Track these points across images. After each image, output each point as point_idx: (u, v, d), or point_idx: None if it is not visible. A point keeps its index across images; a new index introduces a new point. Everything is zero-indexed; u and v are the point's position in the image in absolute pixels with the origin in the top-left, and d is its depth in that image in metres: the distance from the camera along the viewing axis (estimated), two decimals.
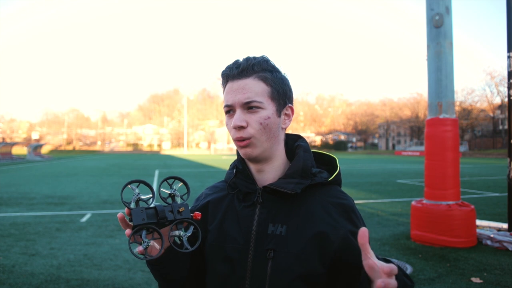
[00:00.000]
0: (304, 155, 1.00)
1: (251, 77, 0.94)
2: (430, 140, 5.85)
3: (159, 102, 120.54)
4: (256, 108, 0.94)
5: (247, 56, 0.98)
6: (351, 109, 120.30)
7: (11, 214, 8.17)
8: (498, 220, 6.74)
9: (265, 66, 0.96)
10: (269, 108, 0.95)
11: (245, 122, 0.93)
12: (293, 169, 0.98)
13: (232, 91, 0.95)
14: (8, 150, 41.76)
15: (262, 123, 0.94)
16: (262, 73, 0.95)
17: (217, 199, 1.07)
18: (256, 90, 0.94)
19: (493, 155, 50.28)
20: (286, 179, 0.97)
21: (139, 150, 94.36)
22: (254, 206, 0.99)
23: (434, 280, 4.15)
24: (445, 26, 5.73)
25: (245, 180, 1.01)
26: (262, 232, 0.96)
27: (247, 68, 0.94)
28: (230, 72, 0.95)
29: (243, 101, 0.93)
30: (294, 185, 0.95)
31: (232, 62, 0.98)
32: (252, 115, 0.94)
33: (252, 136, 0.94)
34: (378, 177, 17.71)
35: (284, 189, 0.94)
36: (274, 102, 0.96)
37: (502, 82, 63.58)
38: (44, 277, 4.22)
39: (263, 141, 0.95)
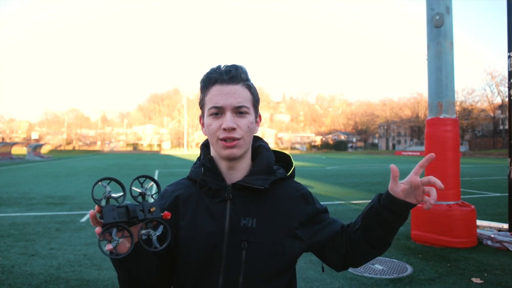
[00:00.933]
0: (267, 154, 1.12)
1: (239, 84, 1.03)
2: (430, 140, 5.84)
3: (159, 102, 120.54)
4: (244, 113, 1.03)
5: (231, 64, 1.06)
6: (351, 109, 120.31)
7: (11, 214, 8.16)
8: (498, 220, 6.73)
9: (247, 76, 1.07)
10: (252, 114, 1.06)
11: (235, 125, 1.01)
12: (258, 166, 1.08)
13: (222, 94, 1.01)
14: (8, 150, 41.74)
15: (249, 127, 1.04)
16: (247, 82, 1.06)
17: (185, 195, 1.11)
18: (245, 97, 1.04)
19: (494, 155, 50.27)
20: (253, 176, 1.06)
21: (139, 150, 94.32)
22: (225, 202, 1.06)
23: (435, 280, 4.14)
24: (446, 26, 5.72)
25: (215, 178, 1.07)
26: (235, 225, 1.03)
27: (236, 75, 1.03)
28: (220, 77, 1.02)
29: (236, 105, 1.01)
30: (262, 181, 1.05)
31: (216, 67, 1.05)
32: (241, 119, 1.03)
33: (241, 138, 1.03)
34: (378, 177, 17.70)
35: (254, 185, 1.04)
36: (254, 109, 1.08)
37: (502, 82, 63.57)
38: (44, 277, 4.22)
39: (247, 142, 1.06)
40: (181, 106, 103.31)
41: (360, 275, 4.30)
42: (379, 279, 4.19)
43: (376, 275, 4.30)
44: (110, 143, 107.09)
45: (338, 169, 23.93)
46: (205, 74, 1.06)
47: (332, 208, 8.89)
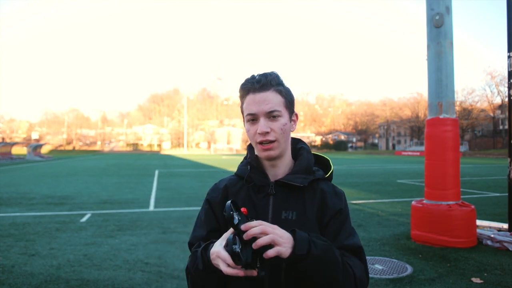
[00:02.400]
0: (308, 156, 1.24)
1: (270, 90, 1.14)
2: (430, 140, 5.84)
3: (159, 102, 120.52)
4: (277, 117, 1.14)
5: (263, 73, 1.17)
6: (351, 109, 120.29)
7: (11, 214, 8.16)
8: (498, 220, 6.73)
9: (278, 81, 1.17)
10: (285, 116, 1.17)
11: (269, 128, 1.13)
12: (299, 166, 1.21)
13: (255, 102, 1.14)
14: (8, 150, 41.74)
15: (282, 129, 1.15)
16: (278, 87, 1.16)
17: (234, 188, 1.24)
18: (276, 101, 1.14)
19: (494, 155, 50.27)
20: (294, 175, 1.18)
21: (139, 150, 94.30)
22: (268, 196, 1.19)
23: (434, 280, 4.14)
24: (445, 26, 5.72)
25: (260, 175, 1.21)
26: (277, 217, 1.16)
27: (266, 83, 1.14)
28: (252, 86, 1.14)
29: (267, 110, 1.13)
30: (302, 179, 1.17)
31: (250, 77, 1.16)
32: (274, 123, 1.14)
33: (275, 140, 1.14)
34: (378, 177, 17.71)
35: (294, 183, 1.16)
36: (287, 110, 1.18)
37: (502, 82, 63.56)
38: (44, 277, 4.22)
39: (282, 143, 1.17)
40: (181, 106, 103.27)
41: None
42: (379, 279, 4.19)
43: (376, 275, 4.31)
44: (110, 143, 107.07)
45: (338, 169, 23.92)
46: (241, 85, 1.18)
47: None
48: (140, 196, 11.05)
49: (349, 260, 1.10)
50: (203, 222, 1.25)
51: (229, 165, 29.22)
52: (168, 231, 6.53)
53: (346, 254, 1.11)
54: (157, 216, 7.98)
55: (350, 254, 1.13)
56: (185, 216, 7.94)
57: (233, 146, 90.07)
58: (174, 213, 8.36)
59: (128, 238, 6.01)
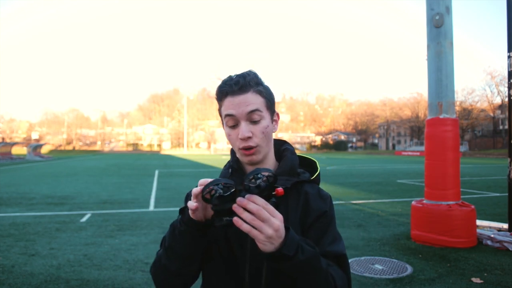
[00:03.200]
0: (291, 157, 1.18)
1: (249, 91, 1.08)
2: (430, 140, 5.85)
3: (159, 102, 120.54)
4: (258, 120, 1.08)
5: (240, 73, 1.10)
6: (351, 109, 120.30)
7: (11, 214, 8.16)
8: (498, 220, 6.73)
9: (257, 81, 1.10)
10: (267, 117, 1.11)
11: (250, 132, 1.08)
12: (282, 168, 1.15)
13: (234, 104, 1.07)
14: (8, 150, 41.73)
15: (264, 132, 1.09)
16: (257, 87, 1.09)
17: None
18: (256, 103, 1.08)
19: (494, 155, 50.26)
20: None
21: (139, 150, 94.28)
22: None
23: (434, 280, 4.14)
24: (445, 26, 5.73)
25: (241, 178, 1.12)
26: None
27: (245, 84, 1.07)
28: (230, 89, 1.07)
29: (247, 111, 1.07)
30: (284, 181, 1.11)
31: (228, 79, 1.10)
32: (255, 126, 1.08)
33: (257, 144, 1.09)
34: (378, 177, 17.70)
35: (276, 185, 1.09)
36: (269, 111, 1.13)
37: (502, 82, 63.58)
38: (44, 277, 4.22)
39: (264, 147, 1.11)
40: (181, 106, 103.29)
41: (360, 275, 4.31)
42: (379, 279, 4.19)
43: (376, 275, 4.31)
44: (110, 143, 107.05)
45: (338, 169, 23.93)
46: (217, 87, 1.12)
47: None
48: (140, 196, 11.05)
49: (332, 270, 1.02)
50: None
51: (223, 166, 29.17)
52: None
53: (329, 263, 1.03)
54: (157, 216, 7.98)
55: (332, 262, 1.06)
56: None
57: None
58: (174, 213, 8.35)
59: (128, 238, 6.01)
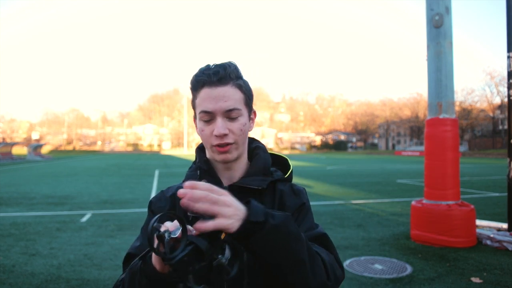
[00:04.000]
0: (264, 155, 1.10)
1: (229, 84, 0.98)
2: (430, 140, 5.86)
3: (159, 102, 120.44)
4: (236, 117, 0.99)
5: (220, 63, 1.00)
6: (351, 109, 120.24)
7: (11, 214, 8.17)
8: (498, 220, 6.74)
9: (237, 74, 1.01)
10: (245, 114, 1.02)
11: (227, 130, 0.98)
12: (255, 167, 1.07)
13: (211, 98, 0.97)
14: (8, 150, 41.73)
15: (242, 129, 1.01)
16: (237, 81, 1.00)
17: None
18: (235, 98, 0.99)
19: (493, 155, 50.26)
20: (250, 177, 1.04)
21: (139, 150, 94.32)
22: None
23: (434, 280, 4.15)
24: (445, 26, 5.74)
25: (212, 180, 1.02)
26: None
27: (225, 76, 0.97)
28: (208, 79, 0.97)
29: (226, 109, 0.97)
30: (260, 181, 1.03)
31: (205, 68, 1.00)
32: (232, 123, 0.99)
33: (234, 142, 1.00)
34: (378, 177, 17.71)
35: (251, 186, 1.02)
36: (247, 108, 1.03)
37: (502, 82, 63.62)
38: (44, 277, 4.23)
39: (240, 145, 1.03)
40: (181, 106, 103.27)
41: (360, 275, 4.32)
42: (379, 278, 4.20)
43: (376, 274, 4.32)
44: (110, 143, 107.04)
45: (338, 169, 23.93)
46: (193, 76, 1.01)
47: (332, 208, 8.90)
48: (140, 196, 11.06)
49: (315, 248, 0.91)
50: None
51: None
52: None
53: (312, 243, 0.92)
54: None
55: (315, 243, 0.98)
56: None
57: None
58: None
59: (128, 238, 6.01)
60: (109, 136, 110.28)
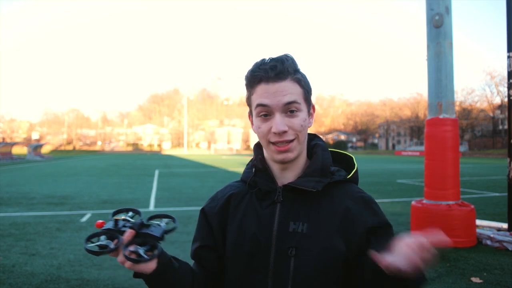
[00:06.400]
0: (323, 154, 1.01)
1: (288, 79, 0.93)
2: (430, 140, 5.85)
3: (159, 102, 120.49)
4: (296, 111, 0.93)
5: (277, 57, 0.95)
6: (351, 109, 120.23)
7: (11, 214, 8.17)
8: (498, 220, 6.74)
9: (295, 67, 0.95)
10: (304, 110, 0.96)
11: (287, 126, 0.92)
12: (313, 167, 0.98)
13: (269, 93, 0.92)
14: (8, 150, 41.75)
15: (302, 125, 0.94)
16: (295, 75, 0.95)
17: (238, 196, 1.05)
18: (294, 93, 0.93)
19: (493, 155, 50.27)
20: (306, 177, 0.97)
21: (139, 150, 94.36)
22: (274, 204, 0.99)
23: (434, 280, 4.15)
24: (445, 26, 5.73)
25: (266, 179, 1.01)
26: (284, 230, 0.95)
27: (283, 70, 0.92)
28: (265, 74, 0.92)
29: (284, 102, 0.92)
30: (315, 183, 0.95)
31: (261, 63, 0.95)
32: (292, 119, 0.93)
33: (295, 138, 0.94)
34: (378, 177, 17.71)
35: (305, 187, 0.95)
36: (306, 103, 0.97)
37: (502, 82, 63.60)
38: (44, 277, 4.23)
39: (301, 142, 0.97)
40: (181, 106, 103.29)
41: None
42: None
43: None
44: (110, 143, 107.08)
45: None
46: (249, 71, 0.96)
47: None
48: (140, 196, 11.06)
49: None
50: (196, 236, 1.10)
51: (229, 165, 29.22)
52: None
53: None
54: None
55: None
56: (185, 216, 7.95)
57: (233, 146, 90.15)
58: (174, 213, 8.36)
59: None
60: (109, 136, 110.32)
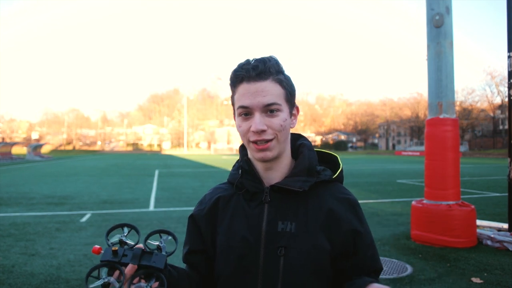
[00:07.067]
0: (309, 154, 1.03)
1: (269, 79, 0.95)
2: (430, 140, 5.85)
3: (159, 102, 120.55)
4: (276, 111, 0.95)
5: (260, 58, 0.97)
6: (351, 109, 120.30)
7: (11, 214, 8.16)
8: (498, 220, 6.74)
9: (278, 68, 0.97)
10: (285, 110, 0.97)
11: (265, 126, 0.94)
12: (299, 167, 1.00)
13: (250, 93, 0.94)
14: (8, 150, 41.75)
15: (282, 125, 0.95)
16: (278, 76, 0.96)
17: (226, 198, 1.07)
18: (275, 93, 0.95)
19: (493, 155, 50.26)
20: (293, 177, 0.99)
21: (139, 150, 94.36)
22: (262, 205, 1.00)
23: (434, 280, 4.14)
24: (445, 26, 5.73)
25: (252, 180, 1.02)
26: (272, 230, 0.97)
27: (264, 70, 0.94)
28: (247, 74, 0.94)
29: (264, 103, 0.93)
30: (302, 183, 0.97)
31: (244, 63, 0.96)
32: (272, 119, 0.95)
33: (273, 137, 0.95)
34: (378, 177, 17.71)
35: (292, 187, 0.97)
36: (288, 104, 0.99)
37: (502, 82, 63.60)
38: (44, 277, 4.22)
39: (281, 142, 0.98)
40: (181, 106, 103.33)
41: None
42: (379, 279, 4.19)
43: None
44: (110, 143, 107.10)
45: None
46: (232, 71, 0.98)
47: None
48: (140, 196, 11.06)
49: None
50: (186, 241, 1.11)
51: (229, 165, 29.21)
52: None
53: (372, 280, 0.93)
54: (157, 216, 7.98)
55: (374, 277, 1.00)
56: (185, 216, 7.94)
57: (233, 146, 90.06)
58: (174, 213, 8.36)
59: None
60: (109, 136, 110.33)
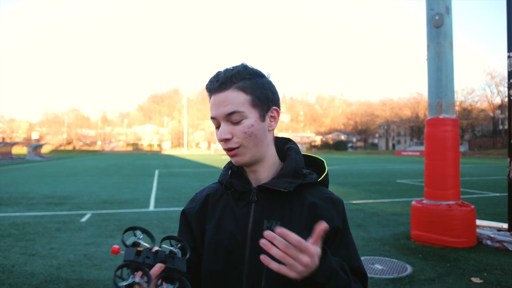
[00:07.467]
0: (296, 157, 1.07)
1: (230, 89, 0.97)
2: (430, 140, 5.85)
3: (159, 102, 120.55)
4: (239, 119, 0.97)
5: (226, 68, 1.00)
6: (351, 109, 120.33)
7: (11, 214, 8.16)
8: (498, 220, 6.74)
9: (243, 75, 0.98)
10: (251, 116, 0.99)
11: (230, 134, 0.98)
12: (285, 169, 1.05)
13: (214, 104, 0.99)
14: (8, 150, 41.73)
15: (246, 132, 0.98)
16: (241, 83, 0.98)
17: (215, 196, 1.11)
18: (236, 101, 0.97)
19: (493, 155, 50.27)
20: (279, 179, 1.03)
21: (139, 150, 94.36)
22: (249, 204, 1.05)
23: (434, 280, 4.14)
24: (445, 26, 5.73)
25: (241, 181, 1.07)
26: (258, 228, 1.01)
27: (225, 80, 0.97)
28: (211, 86, 0.99)
29: (225, 113, 0.97)
30: (287, 184, 1.01)
31: (213, 75, 1.00)
32: (235, 126, 0.98)
33: (239, 145, 0.99)
34: (378, 177, 17.70)
35: (278, 188, 1.01)
36: (256, 109, 1.00)
37: (502, 82, 63.66)
38: (44, 277, 4.22)
39: (250, 148, 1.00)
40: (181, 106, 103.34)
41: None
42: (379, 279, 4.19)
43: (376, 275, 4.31)
44: (110, 143, 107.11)
45: (338, 169, 23.92)
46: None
47: None
48: (140, 196, 11.06)
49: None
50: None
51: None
52: (168, 231, 6.53)
53: (355, 279, 0.97)
54: (157, 216, 7.98)
55: (357, 279, 1.00)
56: None
57: None
58: (174, 213, 8.36)
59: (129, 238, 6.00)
60: (109, 136, 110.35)
